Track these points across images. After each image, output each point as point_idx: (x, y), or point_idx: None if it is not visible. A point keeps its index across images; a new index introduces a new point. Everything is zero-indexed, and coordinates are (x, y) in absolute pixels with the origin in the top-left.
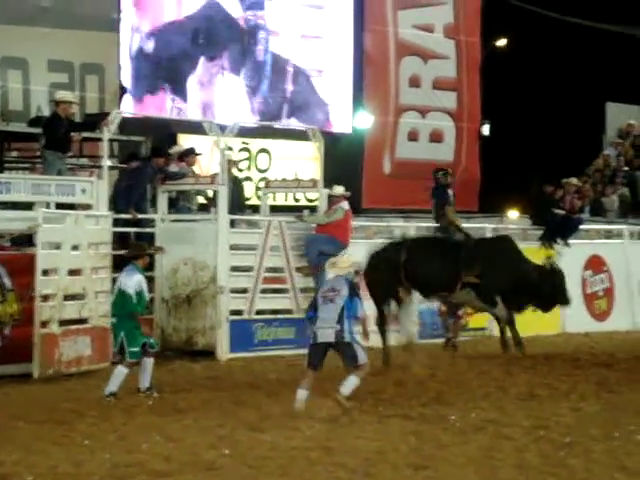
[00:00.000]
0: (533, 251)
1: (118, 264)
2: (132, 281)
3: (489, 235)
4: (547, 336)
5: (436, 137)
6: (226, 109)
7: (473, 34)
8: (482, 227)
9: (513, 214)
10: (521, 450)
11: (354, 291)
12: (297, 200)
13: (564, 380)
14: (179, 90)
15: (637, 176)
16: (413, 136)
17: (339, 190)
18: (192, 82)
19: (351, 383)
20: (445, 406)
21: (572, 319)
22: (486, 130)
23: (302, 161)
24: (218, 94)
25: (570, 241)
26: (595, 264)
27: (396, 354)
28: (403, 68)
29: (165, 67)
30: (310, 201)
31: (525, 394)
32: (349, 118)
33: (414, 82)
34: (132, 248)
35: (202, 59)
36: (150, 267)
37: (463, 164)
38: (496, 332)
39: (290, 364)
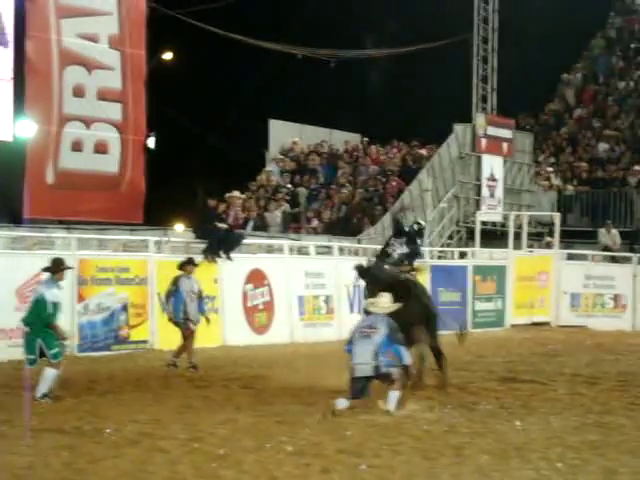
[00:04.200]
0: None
1: None
2: (50, 293)
3: None
4: (208, 349)
5: (101, 148)
6: None
7: (138, 46)
8: (145, 239)
9: (179, 227)
10: (174, 463)
11: (396, 338)
12: None
13: (221, 392)
14: None
15: (299, 192)
16: (77, 146)
17: None
18: None
19: (394, 398)
20: (101, 419)
21: (233, 332)
22: (152, 143)
23: None
24: None
25: (232, 255)
26: (256, 278)
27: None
28: (67, 77)
29: None
30: None
31: (182, 406)
32: (10, 126)
33: (78, 92)
34: (52, 263)
35: None
36: None
37: (128, 176)
38: (157, 345)
39: None
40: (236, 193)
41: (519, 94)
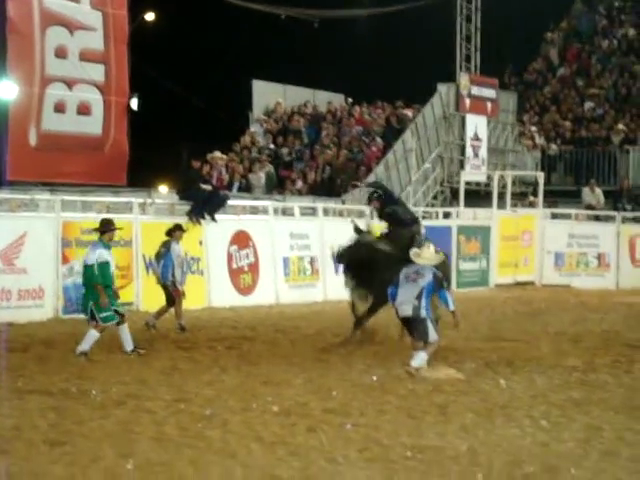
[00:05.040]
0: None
1: None
2: (94, 254)
3: None
4: (193, 310)
5: (84, 110)
6: None
7: (120, 6)
8: (129, 201)
9: (163, 189)
10: (160, 423)
11: (441, 283)
12: None
13: (207, 353)
14: None
15: (282, 153)
16: (60, 108)
17: None
18: None
19: (421, 357)
20: (87, 381)
21: (218, 293)
22: (135, 104)
23: None
24: None
25: (217, 216)
26: (241, 239)
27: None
28: (49, 38)
29: None
30: None
31: (168, 368)
32: None
33: (60, 53)
34: (100, 223)
35: None
36: None
37: (112, 137)
38: (142, 307)
39: None
40: (217, 153)
41: (503, 53)
